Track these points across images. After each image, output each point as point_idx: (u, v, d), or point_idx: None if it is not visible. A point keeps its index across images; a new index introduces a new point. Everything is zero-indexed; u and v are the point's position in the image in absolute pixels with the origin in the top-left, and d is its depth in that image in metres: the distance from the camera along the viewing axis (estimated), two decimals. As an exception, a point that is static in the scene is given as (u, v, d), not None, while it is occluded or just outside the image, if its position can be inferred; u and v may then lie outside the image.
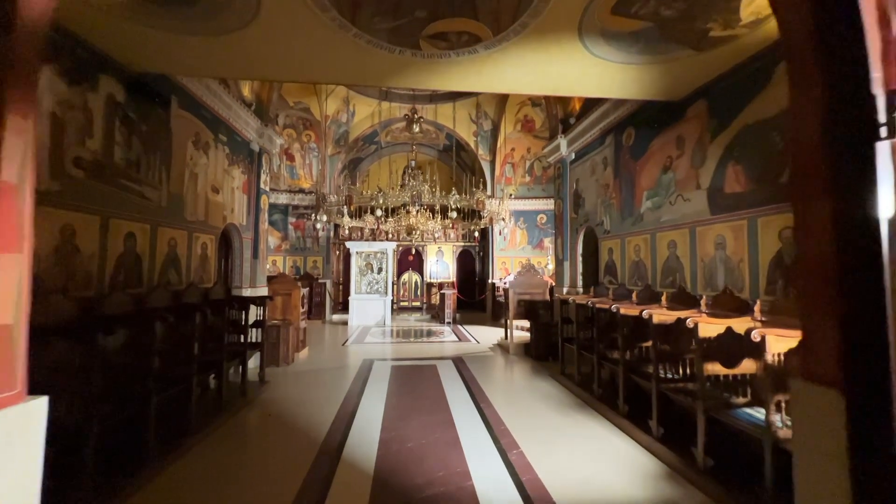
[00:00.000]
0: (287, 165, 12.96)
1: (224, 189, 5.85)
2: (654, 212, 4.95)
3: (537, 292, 8.18)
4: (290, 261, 13.10)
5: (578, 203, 7.13)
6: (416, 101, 13.01)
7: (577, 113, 7.05)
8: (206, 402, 4.35)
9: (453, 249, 16.07)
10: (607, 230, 6.10)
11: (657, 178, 4.89)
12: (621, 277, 5.67)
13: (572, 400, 5.06)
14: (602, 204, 6.26)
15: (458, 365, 6.88)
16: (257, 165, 6.91)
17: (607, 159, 6.14)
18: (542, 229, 13.92)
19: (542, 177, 13.93)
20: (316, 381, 5.89)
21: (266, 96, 6.97)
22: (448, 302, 12.19)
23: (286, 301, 7.54)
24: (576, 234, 7.27)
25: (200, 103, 5.13)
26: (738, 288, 3.58)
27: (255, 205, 6.86)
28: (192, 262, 5.04)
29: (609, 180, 6.07)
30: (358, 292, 12.34)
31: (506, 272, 13.82)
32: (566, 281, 7.45)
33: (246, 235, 6.59)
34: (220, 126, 5.67)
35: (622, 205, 5.68)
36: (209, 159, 5.40)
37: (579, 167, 7.14)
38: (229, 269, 6.46)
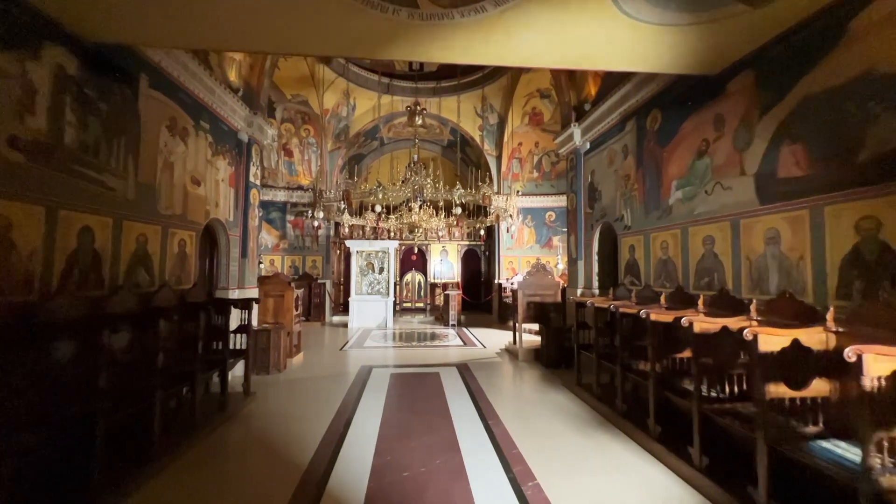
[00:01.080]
0: (285, 161, 12.48)
1: (207, 181, 5.34)
2: (685, 203, 4.37)
3: (548, 294, 7.60)
4: (289, 260, 12.62)
5: (594, 197, 6.55)
6: (418, 94, 12.48)
7: (592, 98, 6.46)
8: (177, 421, 3.83)
9: (458, 249, 15.52)
10: (628, 226, 5.51)
11: (689, 164, 4.31)
12: (645, 278, 5.08)
13: (592, 416, 4.48)
14: (622, 197, 5.67)
15: (462, 373, 6.33)
16: (246, 157, 6.40)
17: (628, 147, 5.55)
18: (551, 227, 13.33)
19: (551, 172, 13.34)
20: (307, 392, 5.36)
21: (256, 82, 6.47)
22: (452, 303, 11.64)
23: (278, 303, 7.03)
24: (591, 230, 6.68)
25: (177, 84, 4.62)
26: (798, 291, 2.99)
27: (243, 199, 6.35)
28: (168, 260, 4.53)
29: (630, 170, 5.49)
30: (358, 293, 11.83)
31: (513, 272, 13.24)
32: (580, 282, 6.87)
33: (233, 232, 6.08)
34: (201, 112, 5.16)
35: (646, 197, 5.09)
36: (188, 147, 4.89)
37: (595, 158, 6.55)
38: (215, 269, 5.95)
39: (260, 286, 6.94)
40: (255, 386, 5.51)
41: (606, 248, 6.59)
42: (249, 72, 6.35)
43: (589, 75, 6.45)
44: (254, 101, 6.39)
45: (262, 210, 12.48)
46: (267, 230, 12.37)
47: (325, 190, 8.39)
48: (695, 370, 3.18)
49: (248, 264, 6.40)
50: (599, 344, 4.95)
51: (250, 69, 6.36)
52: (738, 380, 3.14)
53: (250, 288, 6.50)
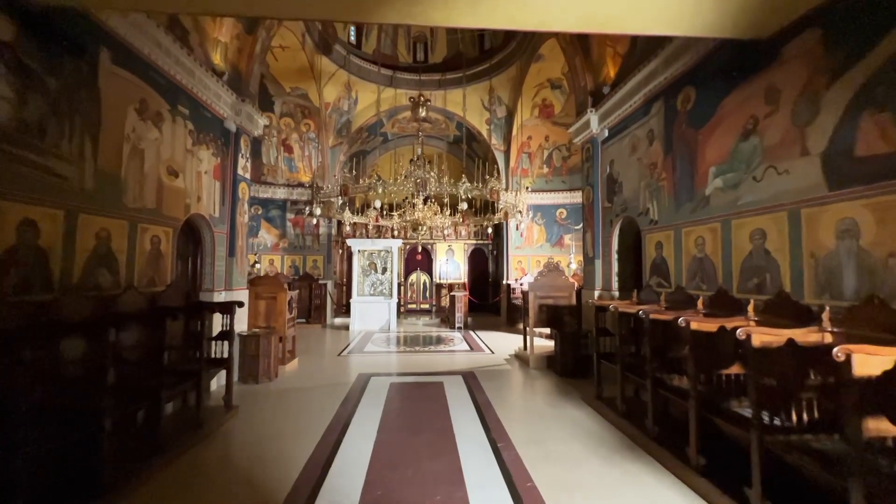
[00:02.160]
0: (285, 157, 12.02)
1: (187, 172, 4.85)
2: (726, 192, 3.76)
3: (562, 296, 7.01)
4: (289, 260, 12.17)
5: (613, 189, 5.94)
6: (423, 87, 11.95)
7: (612, 81, 5.86)
8: (138, 444, 3.33)
9: (464, 248, 14.95)
10: (654, 220, 4.91)
11: (731, 148, 3.70)
12: (676, 279, 4.48)
13: (617, 438, 3.90)
14: (647, 188, 5.07)
15: (468, 382, 5.77)
16: (234, 148, 5.92)
17: (654, 132, 4.95)
18: (563, 225, 12.70)
19: (562, 167, 12.71)
20: (297, 405, 4.85)
21: (245, 67, 5.98)
22: (458, 305, 11.08)
23: (270, 306, 6.55)
24: (609, 226, 6.08)
25: (148, 62, 4.13)
26: (890, 296, 2.38)
27: (231, 194, 5.86)
28: (137, 259, 4.04)
29: (657, 158, 4.88)
30: (360, 294, 11.33)
31: (522, 272, 12.65)
32: (598, 283, 6.26)
33: (219, 229, 5.60)
34: (179, 95, 4.67)
35: (676, 187, 4.49)
36: (163, 134, 4.41)
37: (615, 146, 5.95)
38: (198, 270, 5.47)
39: (251, 288, 6.46)
40: (241, 397, 5.01)
41: (627, 246, 5.98)
42: (237, 55, 5.87)
43: (608, 55, 5.85)
44: (242, 88, 5.90)
45: (261, 208, 12.11)
46: (266, 229, 11.93)
47: (322, 185, 7.88)
48: (753, 393, 2.59)
49: (235, 264, 5.91)
50: (624, 354, 4.36)
51: (238, 53, 5.87)
52: (808, 406, 2.54)
53: (239, 290, 6.01)
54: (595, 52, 6.13)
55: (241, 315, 6.13)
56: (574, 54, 6.52)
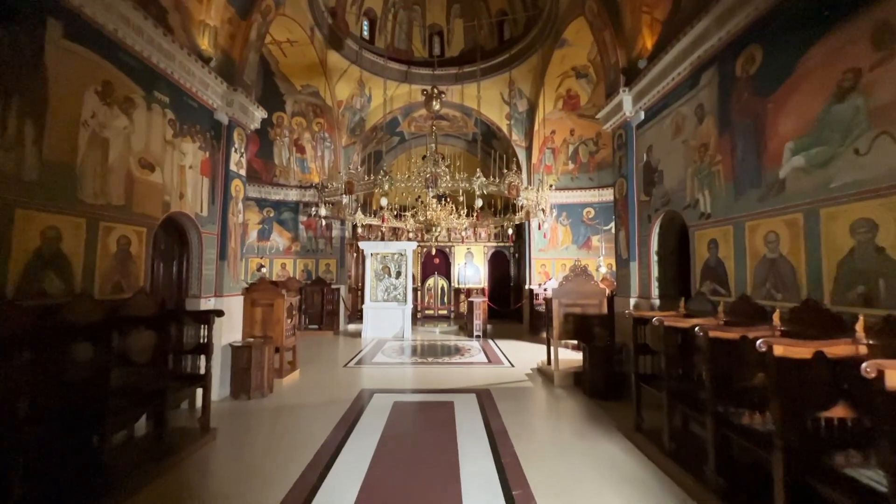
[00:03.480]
0: (297, 158, 11.67)
1: (166, 166, 4.38)
2: (811, 173, 2.89)
3: (591, 304, 6.16)
4: (301, 264, 11.77)
5: (651, 180, 5.09)
6: (439, 81, 11.34)
7: (649, 54, 5.02)
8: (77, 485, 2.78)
9: (484, 251, 14.18)
10: (706, 213, 4.04)
11: (819, 114, 2.83)
12: (738, 285, 3.60)
13: (667, 488, 3.06)
14: (695, 175, 4.21)
15: (483, 403, 5.02)
16: (226, 141, 5.44)
17: (704, 107, 4.09)
18: (590, 225, 11.74)
19: (589, 163, 11.77)
20: (284, 428, 4.25)
21: (238, 54, 5.51)
22: (477, 312, 10.33)
23: (267, 313, 6.02)
24: (647, 223, 5.21)
25: (114, 40, 3.66)
26: None
27: (222, 191, 5.38)
28: (99, 263, 3.55)
29: (709, 137, 4.02)
30: (373, 300, 10.76)
31: (546, 277, 11.76)
32: (634, 289, 5.39)
33: (207, 230, 5.11)
34: (156, 80, 4.21)
35: (736, 171, 3.62)
36: (134, 123, 3.93)
37: (653, 129, 5.09)
38: (184, 274, 5.00)
39: (247, 294, 5.96)
40: (226, 417, 4.47)
41: (669, 246, 5.09)
42: (230, 42, 5.41)
43: (644, 23, 5.02)
44: (235, 77, 5.43)
45: (273, 210, 11.79)
46: (279, 232, 11.59)
47: (327, 183, 7.36)
48: (888, 453, 1.75)
49: (227, 268, 5.41)
50: (671, 377, 3.52)
51: (230, 39, 5.41)
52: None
53: (232, 296, 5.51)
54: (628, 22, 5.31)
55: (236, 324, 5.64)
56: (603, 27, 5.71)
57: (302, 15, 8.72)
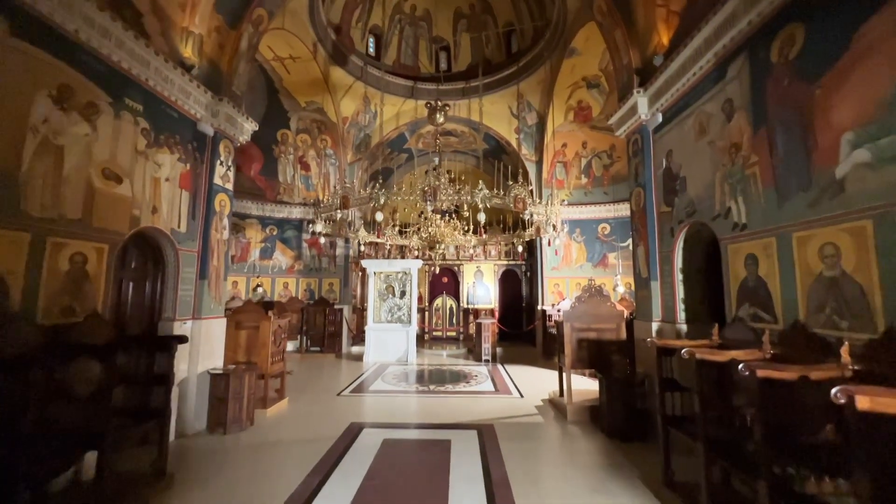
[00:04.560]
0: (302, 175, 11.49)
1: (136, 178, 4.06)
2: (880, 169, 2.30)
3: (607, 328, 5.51)
4: (304, 283, 11.42)
5: (673, 188, 4.51)
6: (446, 96, 11.09)
7: (665, 50, 4.54)
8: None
9: (494, 269, 13.59)
10: (741, 223, 3.44)
11: (888, 95, 2.27)
12: (786, 310, 2.96)
13: (710, 575, 2.38)
14: (726, 180, 3.63)
15: (484, 443, 4.39)
16: (210, 154, 5.14)
17: (734, 102, 3.55)
18: (606, 242, 11.08)
19: (603, 177, 11.21)
20: (252, 472, 3.71)
21: (226, 64, 5.27)
22: (485, 335, 9.69)
23: (252, 337, 5.58)
24: (669, 237, 4.61)
25: (75, 42, 3.39)
26: None
27: (204, 206, 5.05)
28: (45, 282, 3.17)
29: (740, 136, 3.46)
30: (377, 321, 10.25)
31: (559, 297, 11.08)
32: (656, 312, 4.75)
33: (186, 247, 4.75)
34: (127, 87, 3.93)
35: (778, 172, 3.04)
36: (97, 130, 3.63)
37: (672, 132, 4.56)
38: (158, 295, 4.61)
39: (231, 316, 5.55)
40: (191, 457, 3.97)
41: (696, 262, 4.47)
42: (217, 51, 5.18)
43: (658, 17, 4.56)
44: (222, 87, 5.17)
45: (276, 228, 11.55)
46: (281, 250, 11.31)
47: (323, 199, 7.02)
48: None
49: (208, 288, 5.02)
50: (708, 421, 2.88)
51: (219, 48, 5.18)
52: None
53: (212, 318, 5.10)
54: (641, 19, 4.86)
55: (216, 349, 5.21)
56: (613, 27, 5.28)
57: (304, 30, 8.62)
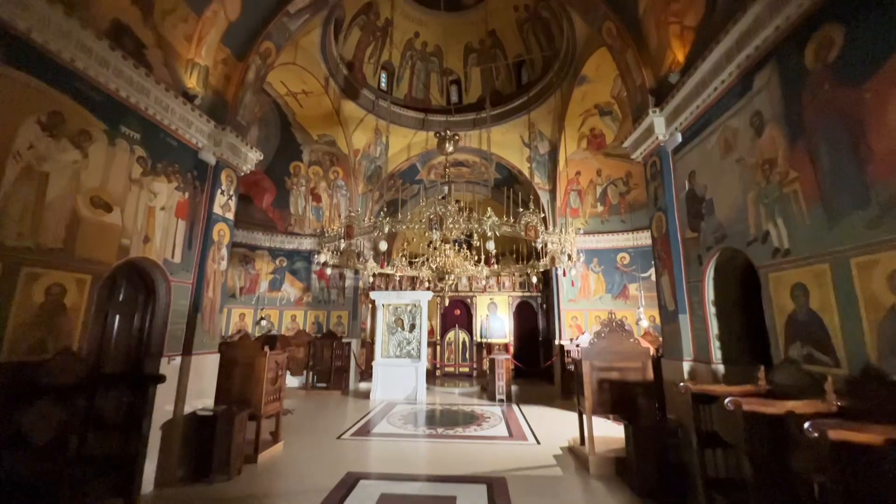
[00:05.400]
0: (313, 207, 11.50)
1: (128, 207, 3.92)
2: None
3: (631, 367, 4.95)
4: (312, 316, 11.14)
5: (698, 211, 4.11)
6: (457, 127, 11.12)
7: (681, 66, 4.29)
8: None
9: (509, 301, 13.08)
10: (782, 248, 3.00)
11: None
12: (850, 351, 2.47)
13: None
14: (760, 200, 3.23)
15: (495, 503, 3.84)
16: (212, 182, 5.05)
17: (763, 114, 3.21)
18: (625, 272, 10.53)
19: (620, 205, 10.83)
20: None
21: (232, 94, 5.28)
22: (499, 371, 9.09)
23: (247, 374, 5.24)
24: (697, 265, 4.16)
25: (70, 70, 3.36)
26: None
27: (202, 236, 4.89)
28: (14, 315, 2.96)
29: (774, 151, 3.09)
30: (385, 356, 9.80)
31: (578, 331, 10.46)
32: (687, 350, 4.23)
33: (179, 278, 4.55)
34: (124, 115, 3.88)
35: (825, 188, 2.64)
36: (89, 157, 3.53)
37: (694, 152, 4.21)
38: (147, 329, 4.37)
39: (224, 351, 5.25)
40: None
41: (730, 293, 3.98)
42: (224, 82, 5.20)
43: (671, 34, 4.34)
44: (227, 116, 5.15)
45: (286, 260, 11.45)
46: (290, 282, 11.15)
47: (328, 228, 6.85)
48: None
49: (201, 322, 4.76)
50: (762, 489, 2.34)
51: (225, 79, 5.21)
52: None
53: (203, 354, 4.81)
54: (653, 38, 4.66)
55: (207, 387, 4.89)
56: (624, 48, 5.09)
57: (315, 66, 8.83)
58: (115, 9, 3.71)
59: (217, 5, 4.77)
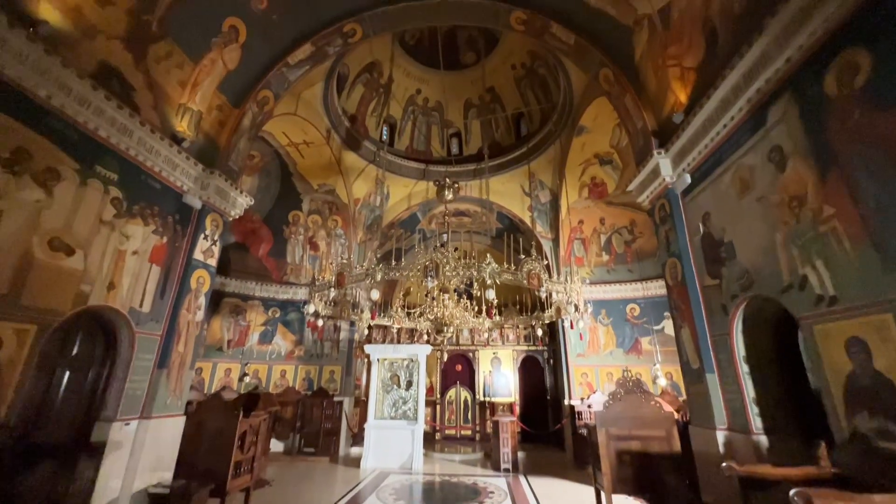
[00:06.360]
0: (310, 256, 11.25)
1: (94, 250, 3.61)
2: None
3: (654, 435, 4.28)
4: (303, 371, 10.42)
5: (717, 256, 3.73)
6: (457, 177, 11.15)
7: (684, 107, 4.13)
8: None
9: (513, 355, 12.31)
10: (828, 295, 2.58)
11: None
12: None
13: None
14: (792, 241, 2.86)
15: None
16: (195, 227, 4.79)
17: (784, 149, 2.93)
18: (636, 325, 9.91)
19: (626, 254, 10.47)
20: None
21: (226, 138, 5.19)
22: (504, 436, 8.22)
23: (215, 441, 4.60)
24: (722, 315, 3.69)
25: (44, 107, 3.21)
26: None
27: (177, 283, 4.53)
28: (-72, 374, 2.52)
29: (802, 186, 2.77)
30: (378, 416, 8.95)
31: (589, 388, 9.64)
32: (719, 415, 3.64)
33: (145, 329, 4.12)
34: (101, 155, 3.71)
35: (874, 225, 2.28)
36: (53, 196, 3.28)
37: (707, 192, 3.92)
38: (101, 388, 3.87)
39: (191, 414, 4.67)
40: None
41: (764, 348, 3.48)
42: (217, 128, 5.13)
43: (671, 77, 4.24)
44: (216, 160, 5.01)
45: (279, 310, 10.96)
46: (282, 334, 10.58)
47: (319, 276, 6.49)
48: None
49: (165, 380, 4.26)
50: None
51: (219, 125, 5.14)
52: None
53: (165, 417, 4.24)
54: (652, 81, 4.58)
55: (166, 457, 4.25)
56: (622, 93, 5.02)
57: (317, 118, 9.01)
58: (104, 51, 3.66)
59: (215, 54, 4.81)
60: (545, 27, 5.62)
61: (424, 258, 5.40)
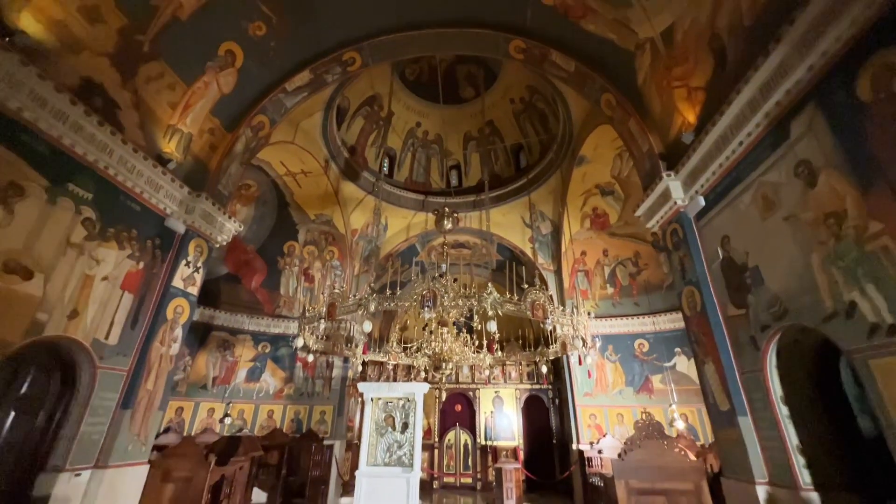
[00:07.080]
0: (305, 288, 10.87)
1: (57, 274, 3.29)
2: None
3: (681, 489, 3.75)
4: (292, 411, 9.74)
5: (741, 283, 3.40)
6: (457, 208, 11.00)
7: (693, 127, 3.95)
8: None
9: (516, 394, 11.61)
10: (884, 323, 2.23)
11: None
12: None
13: None
14: (833, 263, 2.54)
15: None
16: (176, 252, 4.48)
17: (813, 163, 2.69)
18: (646, 361, 9.36)
19: (632, 286, 10.09)
20: None
21: (217, 161, 5.00)
22: (507, 486, 7.51)
23: (182, 494, 4.06)
24: (752, 349, 3.31)
25: (13, 119, 2.99)
26: None
27: (152, 313, 4.16)
28: None
29: (839, 202, 2.50)
30: (371, 462, 8.19)
31: (598, 431, 8.96)
32: (757, 467, 3.16)
33: (109, 364, 3.71)
34: (76, 173, 3.47)
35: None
36: (15, 215, 3.01)
37: (724, 214, 3.65)
38: (53, 431, 3.41)
39: (157, 461, 4.14)
40: None
41: (804, 386, 3.07)
42: (208, 150, 4.95)
43: (677, 98, 4.10)
44: (204, 183, 4.80)
45: (269, 345, 10.42)
46: (272, 371, 9.99)
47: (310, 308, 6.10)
48: None
49: (129, 422, 3.79)
50: None
51: (210, 148, 4.97)
52: None
53: (124, 466, 3.73)
54: (657, 104, 4.44)
55: (123, 513, 3.70)
56: (625, 118, 4.89)
57: (316, 148, 8.96)
58: (89, 67, 3.52)
59: (210, 77, 4.71)
60: (545, 55, 5.62)
61: (422, 287, 5.06)
